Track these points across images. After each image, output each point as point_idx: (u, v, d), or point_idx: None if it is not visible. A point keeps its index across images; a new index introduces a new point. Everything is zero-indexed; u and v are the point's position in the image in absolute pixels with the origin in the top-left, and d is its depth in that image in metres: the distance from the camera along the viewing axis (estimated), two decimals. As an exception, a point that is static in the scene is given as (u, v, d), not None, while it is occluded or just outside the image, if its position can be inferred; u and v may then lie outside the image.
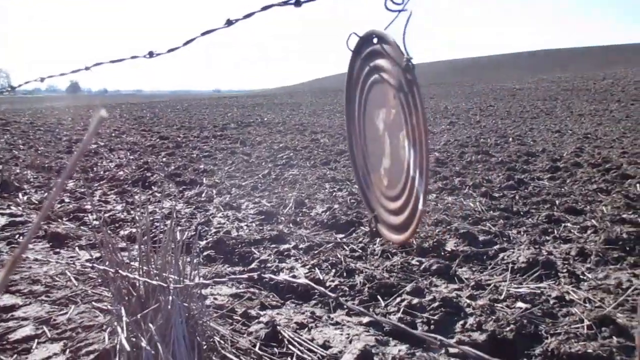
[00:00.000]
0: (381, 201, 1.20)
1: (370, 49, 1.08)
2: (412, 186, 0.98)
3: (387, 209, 1.16)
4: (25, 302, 2.19)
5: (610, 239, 2.91)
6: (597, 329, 1.94)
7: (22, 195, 4.45)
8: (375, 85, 1.11)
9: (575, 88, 23.43)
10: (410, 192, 1.00)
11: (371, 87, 1.14)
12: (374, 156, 1.20)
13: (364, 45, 1.12)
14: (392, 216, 1.13)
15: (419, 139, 0.92)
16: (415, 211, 0.99)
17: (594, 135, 8.71)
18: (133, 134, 10.44)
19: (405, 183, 1.02)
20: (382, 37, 1.01)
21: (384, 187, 1.15)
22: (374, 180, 1.23)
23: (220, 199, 4.30)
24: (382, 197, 1.19)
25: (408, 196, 1.02)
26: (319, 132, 10.08)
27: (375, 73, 1.08)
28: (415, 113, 0.92)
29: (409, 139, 0.95)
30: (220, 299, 2.24)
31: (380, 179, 1.17)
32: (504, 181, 4.81)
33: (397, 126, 1.00)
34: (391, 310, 2.19)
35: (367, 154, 1.26)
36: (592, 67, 47.63)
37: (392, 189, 1.11)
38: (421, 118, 0.90)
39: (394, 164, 1.07)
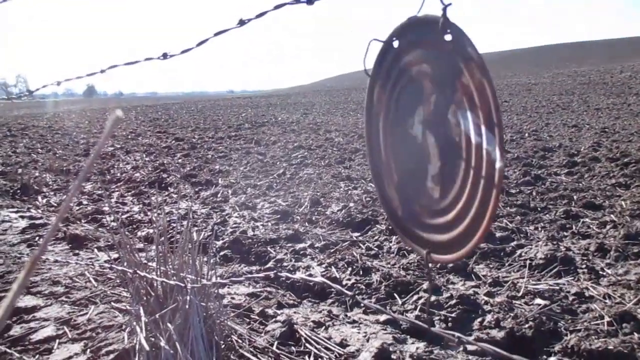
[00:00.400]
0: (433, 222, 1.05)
1: (391, 57, 1.02)
2: (479, 156, 0.85)
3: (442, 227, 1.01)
4: (46, 303, 2.22)
5: (630, 234, 2.87)
6: (618, 325, 1.91)
7: (41, 198, 4.52)
8: (404, 92, 1.02)
9: (592, 82, 23.12)
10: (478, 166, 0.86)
11: (399, 97, 1.05)
12: (416, 178, 1.05)
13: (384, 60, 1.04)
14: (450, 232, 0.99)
15: (477, 90, 0.81)
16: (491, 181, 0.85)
17: (612, 129, 8.58)
18: (149, 136, 10.53)
19: (468, 163, 0.88)
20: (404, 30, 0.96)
21: (435, 202, 1.01)
22: (419, 209, 1.07)
23: (235, 199, 4.32)
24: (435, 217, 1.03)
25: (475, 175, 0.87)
26: (332, 131, 10.07)
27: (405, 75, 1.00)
28: (465, 64, 0.83)
29: (462, 105, 0.85)
30: (238, 299, 2.25)
31: (430, 195, 1.02)
32: (520, 177, 4.77)
33: (443, 108, 0.90)
34: (408, 308, 2.18)
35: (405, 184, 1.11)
36: (609, 60, 46.96)
37: (447, 194, 0.96)
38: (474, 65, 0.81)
39: (448, 154, 0.94)
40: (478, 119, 0.83)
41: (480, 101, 0.82)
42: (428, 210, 1.05)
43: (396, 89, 1.07)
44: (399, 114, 1.08)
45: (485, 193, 0.85)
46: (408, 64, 0.99)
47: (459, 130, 0.87)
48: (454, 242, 0.98)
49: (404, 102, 1.05)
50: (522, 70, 47.71)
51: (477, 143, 0.84)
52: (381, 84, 1.10)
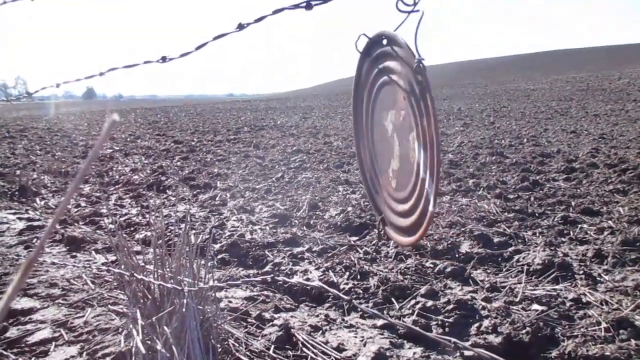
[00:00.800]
0: (389, 203, 1.18)
1: (379, 51, 1.07)
2: (422, 188, 0.97)
3: (395, 211, 1.15)
4: (42, 305, 2.21)
5: (628, 240, 2.87)
6: (615, 331, 1.91)
7: (39, 200, 4.52)
8: (384, 87, 1.10)
9: (590, 88, 23.17)
10: (420, 194, 0.99)
11: (380, 88, 1.13)
12: (382, 158, 1.19)
13: (373, 47, 1.11)
14: (401, 218, 1.12)
15: (429, 141, 0.91)
16: (425, 213, 0.98)
17: (610, 135, 8.60)
18: (148, 139, 10.53)
19: (415, 185, 1.01)
20: (392, 38, 1.00)
21: (392, 189, 1.14)
22: (382, 183, 1.21)
23: (234, 203, 4.31)
24: (390, 200, 1.17)
25: (417, 198, 1.01)
26: (331, 135, 10.08)
27: (385, 75, 1.07)
28: (427, 115, 0.91)
29: (420, 141, 0.94)
30: (235, 302, 2.25)
31: (389, 181, 1.16)
32: (518, 182, 4.78)
33: (407, 128, 0.99)
34: (405, 312, 2.18)
35: (375, 155, 1.24)
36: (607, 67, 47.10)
37: (401, 191, 1.09)
38: (432, 120, 0.89)
39: (403, 165, 1.06)
40: (427, 160, 0.91)
41: (430, 151, 0.91)
42: (386, 189, 1.16)
43: (380, 78, 1.12)
44: (379, 101, 1.15)
45: (419, 218, 0.97)
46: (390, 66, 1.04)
47: (414, 155, 0.95)
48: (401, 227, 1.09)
49: (383, 95, 1.12)
50: (520, 76, 47.82)
51: (422, 179, 0.93)
52: (370, 63, 1.15)
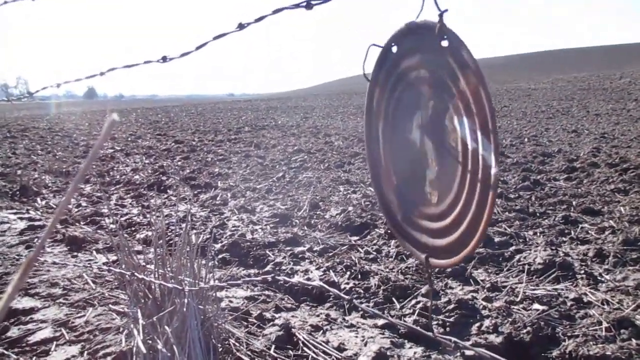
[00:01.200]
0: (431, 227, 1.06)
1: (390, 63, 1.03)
2: (476, 160, 0.87)
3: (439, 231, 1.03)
4: (44, 305, 2.22)
5: (629, 239, 2.87)
6: (616, 330, 1.91)
7: (40, 200, 4.52)
8: (403, 97, 1.03)
9: (591, 87, 23.15)
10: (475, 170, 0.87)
11: (398, 102, 1.06)
12: (414, 183, 1.07)
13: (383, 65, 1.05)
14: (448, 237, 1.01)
15: (473, 96, 0.83)
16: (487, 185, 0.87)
17: (611, 134, 8.59)
18: (149, 138, 10.54)
19: (465, 169, 0.89)
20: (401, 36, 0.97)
21: (434, 206, 1.02)
22: (418, 212, 1.09)
23: (235, 202, 4.32)
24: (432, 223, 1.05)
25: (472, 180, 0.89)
26: (332, 135, 10.08)
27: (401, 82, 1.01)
28: (462, 73, 0.84)
29: (459, 112, 0.86)
30: (236, 302, 2.25)
31: (428, 200, 1.03)
32: (519, 182, 4.77)
33: (441, 114, 0.91)
34: (406, 312, 2.18)
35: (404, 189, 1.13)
36: (608, 66, 47.04)
37: (445, 198, 0.97)
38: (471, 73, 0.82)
39: (444, 163, 0.96)
40: (474, 125, 0.84)
41: (476, 108, 0.83)
42: (426, 214, 1.06)
43: (395, 94, 1.07)
44: (398, 119, 1.09)
45: (481, 198, 0.87)
46: (406, 69, 0.99)
47: (456, 135, 0.88)
48: (451, 246, 0.99)
49: (402, 107, 1.06)
50: (522, 76, 47.77)
51: (474, 149, 0.85)
52: (381, 88, 1.11)
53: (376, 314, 1.26)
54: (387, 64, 1.05)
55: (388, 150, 1.14)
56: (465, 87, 0.84)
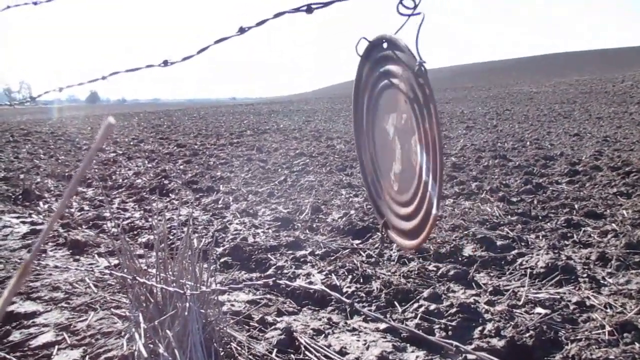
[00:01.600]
0: (392, 207, 1.17)
1: (380, 54, 1.07)
2: (425, 191, 0.96)
3: (397, 214, 1.14)
4: (45, 309, 2.22)
5: (632, 243, 2.86)
6: (619, 334, 1.90)
7: (42, 204, 4.53)
8: (385, 90, 1.09)
9: (593, 91, 23.13)
10: (423, 197, 0.98)
11: (381, 92, 1.12)
12: (384, 161, 1.18)
13: (373, 51, 1.10)
14: (403, 222, 1.11)
15: (432, 144, 0.90)
16: (428, 216, 0.97)
17: (614, 138, 8.58)
18: (151, 142, 10.56)
19: (418, 188, 1.00)
20: (393, 41, 1.00)
21: (395, 193, 1.13)
22: (384, 186, 1.20)
23: (236, 206, 4.32)
24: (392, 203, 1.16)
25: (420, 201, 1.00)
26: (334, 138, 10.09)
27: (386, 78, 1.06)
28: (429, 118, 0.91)
29: (422, 144, 0.93)
30: (237, 306, 2.25)
31: (391, 185, 1.15)
32: (521, 185, 4.77)
33: (409, 131, 0.98)
34: (408, 316, 2.18)
35: (377, 159, 1.23)
36: (610, 70, 47.02)
37: (403, 194, 1.08)
38: (435, 123, 0.89)
39: (406, 169, 1.05)
40: (429, 163, 0.90)
41: (432, 154, 0.90)
42: (388, 192, 1.15)
43: (380, 83, 1.11)
44: (380, 104, 1.14)
45: (422, 221, 0.96)
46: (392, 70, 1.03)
47: (416, 158, 0.94)
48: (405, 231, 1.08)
49: (384, 99, 1.11)
50: (523, 79, 47.75)
51: (425, 182, 0.92)
52: (370, 67, 1.14)
53: (378, 318, 1.26)
54: (378, 50, 1.08)
55: (370, 121, 1.20)
56: (428, 132, 0.90)
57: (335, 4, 0.92)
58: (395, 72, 1.01)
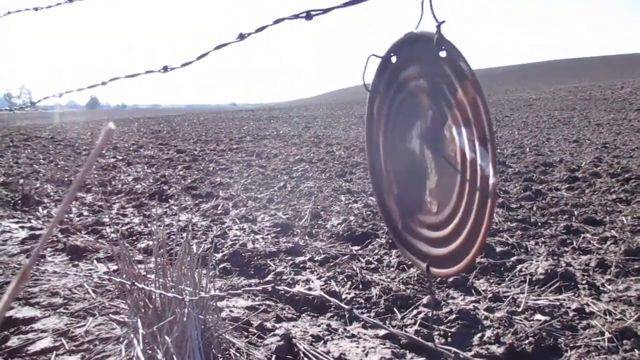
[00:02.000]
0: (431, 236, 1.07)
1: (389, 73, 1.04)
2: (474, 171, 0.88)
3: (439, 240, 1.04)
4: (44, 314, 2.21)
5: (631, 249, 2.86)
6: (619, 341, 1.90)
7: (42, 209, 4.52)
8: (402, 106, 1.04)
9: (592, 97, 23.17)
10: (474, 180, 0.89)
11: (397, 113, 1.07)
12: (414, 191, 1.08)
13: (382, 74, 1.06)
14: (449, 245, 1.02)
15: (471, 107, 0.84)
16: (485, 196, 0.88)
17: (613, 144, 8.59)
18: (150, 148, 10.56)
19: (464, 179, 0.91)
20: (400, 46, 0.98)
21: (434, 215, 1.03)
22: (419, 221, 1.10)
23: (236, 212, 4.32)
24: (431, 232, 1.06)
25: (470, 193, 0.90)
26: (334, 144, 10.10)
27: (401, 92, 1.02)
28: (459, 81, 0.85)
29: (457, 122, 0.87)
30: (236, 312, 2.24)
31: (428, 209, 1.05)
32: (521, 192, 4.77)
33: (439, 124, 0.93)
34: (407, 322, 2.17)
35: (404, 196, 1.14)
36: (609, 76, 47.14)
37: (444, 207, 0.98)
38: (468, 81, 0.83)
39: (443, 172, 0.97)
40: (472, 135, 0.85)
41: (474, 118, 0.84)
42: (426, 223, 1.06)
43: (395, 103, 1.08)
44: (398, 128, 1.10)
45: (480, 207, 0.88)
46: (406, 78, 1.00)
47: (455, 145, 0.89)
48: (452, 255, 0.99)
49: (402, 116, 1.07)
50: (523, 86, 47.86)
51: (472, 159, 0.86)
52: (381, 96, 1.11)
53: (377, 324, 1.25)
54: (386, 73, 1.06)
55: (389, 158, 1.14)
56: (463, 98, 0.85)
57: (335, 10, 0.92)
58: (409, 76, 0.98)
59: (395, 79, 1.03)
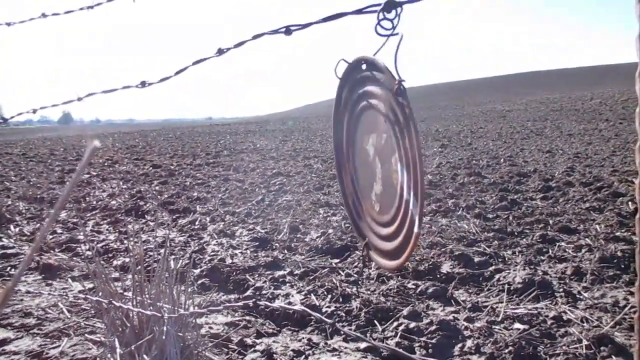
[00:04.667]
0: (373, 228, 1.18)
1: (359, 76, 1.08)
2: (407, 209, 0.97)
3: (379, 235, 1.15)
4: (17, 336, 2.15)
5: (605, 257, 2.91)
6: (596, 348, 1.93)
7: (13, 227, 4.42)
8: (365, 112, 1.11)
9: (563, 108, 23.71)
10: (405, 216, 0.99)
11: (361, 113, 1.13)
12: (365, 182, 1.19)
13: (353, 72, 1.12)
14: (385, 242, 1.11)
15: (412, 161, 0.91)
16: (410, 235, 0.97)
17: (585, 154, 8.78)
18: (126, 163, 10.43)
19: (399, 207, 1.00)
20: (372, 62, 1.01)
21: (376, 213, 1.14)
22: (364, 207, 1.21)
23: (214, 227, 4.28)
24: (374, 224, 1.17)
25: (402, 220, 1.00)
26: (311, 158, 10.11)
27: (365, 99, 1.08)
28: (408, 137, 0.92)
29: (402, 162, 0.94)
30: (216, 328, 2.22)
31: (372, 205, 1.15)
32: (497, 202, 4.83)
33: (389, 150, 1.00)
34: (388, 335, 2.17)
35: (357, 180, 1.24)
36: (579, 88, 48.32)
37: (384, 214, 1.09)
38: (414, 141, 0.90)
39: (386, 188, 1.06)
40: (410, 181, 0.91)
41: (414, 172, 0.91)
42: (369, 214, 1.15)
43: (359, 104, 1.13)
44: (359, 125, 1.16)
45: (404, 240, 0.97)
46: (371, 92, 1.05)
47: (397, 178, 0.96)
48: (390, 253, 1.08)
49: (363, 119, 1.13)
50: (496, 97, 48.72)
51: (406, 200, 0.93)
52: (349, 89, 1.16)
53: (358, 337, 1.25)
54: (356, 72, 1.10)
55: (350, 141, 1.21)
56: (409, 150, 0.92)
57: (313, 25, 0.93)
58: (374, 92, 1.03)
59: (363, 85, 1.07)
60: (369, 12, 0.87)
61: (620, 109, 20.59)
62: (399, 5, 0.87)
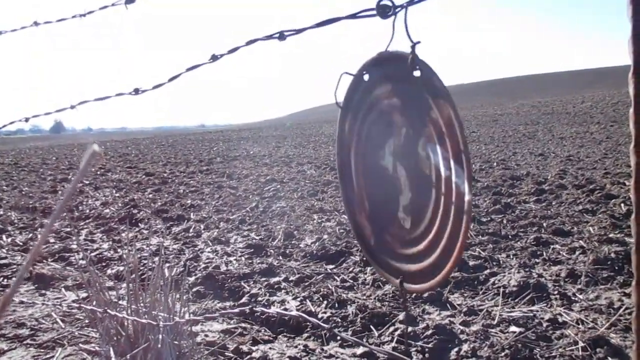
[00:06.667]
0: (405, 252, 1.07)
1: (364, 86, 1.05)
2: (449, 188, 0.88)
3: (414, 255, 1.04)
4: (10, 347, 2.13)
5: (599, 259, 2.92)
6: (592, 350, 1.93)
7: (5, 237, 4.38)
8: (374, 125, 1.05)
9: (555, 112, 23.86)
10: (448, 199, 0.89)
11: (370, 129, 1.07)
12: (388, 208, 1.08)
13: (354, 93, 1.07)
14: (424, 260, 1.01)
15: (446, 124, 0.84)
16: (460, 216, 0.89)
17: (577, 157, 8.84)
18: (118, 172, 10.39)
19: (438, 197, 0.91)
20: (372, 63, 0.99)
21: (407, 232, 1.03)
22: (393, 237, 1.10)
23: (208, 234, 4.26)
24: (406, 248, 1.06)
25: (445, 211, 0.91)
26: (305, 164, 10.11)
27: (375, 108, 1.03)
28: (435, 102, 0.85)
29: (432, 138, 0.88)
30: (211, 336, 2.20)
31: (401, 225, 1.05)
32: (490, 205, 4.84)
33: (413, 141, 0.93)
34: (385, 339, 2.17)
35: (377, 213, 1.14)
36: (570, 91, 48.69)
37: (419, 224, 0.98)
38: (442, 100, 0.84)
39: (417, 189, 0.97)
40: (447, 153, 0.86)
41: (449, 136, 0.85)
42: (400, 240, 1.06)
43: (367, 120, 1.09)
44: (370, 146, 1.10)
45: (455, 224, 0.88)
46: (379, 97, 1.01)
47: (429, 163, 0.90)
48: (426, 271, 1.00)
49: (375, 134, 1.07)
50: (488, 102, 48.98)
51: (447, 176, 0.87)
52: (352, 115, 1.12)
53: (355, 342, 1.25)
54: (359, 90, 1.06)
55: (361, 176, 1.15)
56: (438, 116, 0.86)
57: (307, 31, 0.93)
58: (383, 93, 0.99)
59: (368, 97, 1.04)
60: (364, 17, 0.87)
61: (611, 111, 20.75)
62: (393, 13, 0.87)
